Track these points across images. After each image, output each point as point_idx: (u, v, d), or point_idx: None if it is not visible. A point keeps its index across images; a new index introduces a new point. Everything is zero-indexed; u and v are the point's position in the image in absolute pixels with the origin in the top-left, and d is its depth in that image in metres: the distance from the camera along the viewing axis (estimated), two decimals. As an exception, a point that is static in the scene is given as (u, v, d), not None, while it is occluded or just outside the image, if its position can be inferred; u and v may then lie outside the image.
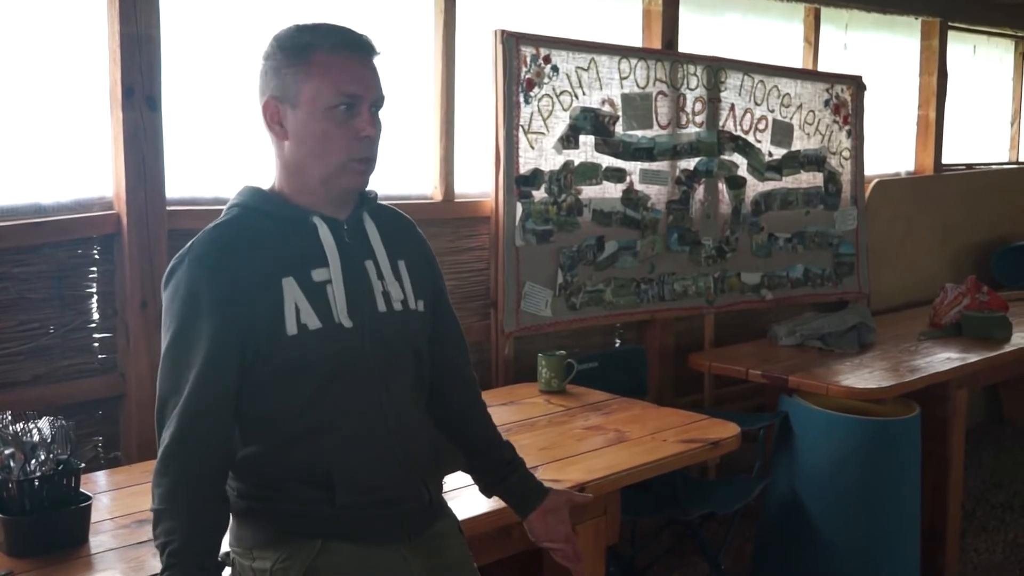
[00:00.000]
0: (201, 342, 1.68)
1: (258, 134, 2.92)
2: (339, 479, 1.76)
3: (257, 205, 1.79)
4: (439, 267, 2.02)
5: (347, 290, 1.77)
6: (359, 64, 1.75)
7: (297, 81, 1.73)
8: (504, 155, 3.51)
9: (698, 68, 4.10)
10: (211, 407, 1.69)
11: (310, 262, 1.76)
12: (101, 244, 2.77)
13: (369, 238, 1.84)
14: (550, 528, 2.04)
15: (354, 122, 1.73)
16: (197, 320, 1.69)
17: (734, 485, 3.67)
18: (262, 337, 1.71)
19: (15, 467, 2.02)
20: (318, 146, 1.74)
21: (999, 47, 6.28)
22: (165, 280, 1.75)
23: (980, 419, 5.67)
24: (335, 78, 1.72)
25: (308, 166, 1.76)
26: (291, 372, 1.74)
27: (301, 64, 1.73)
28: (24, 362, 2.65)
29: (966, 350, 4.11)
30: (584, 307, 3.80)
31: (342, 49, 1.74)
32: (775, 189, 4.47)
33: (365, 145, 1.75)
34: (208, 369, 1.68)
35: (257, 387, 1.74)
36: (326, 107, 1.72)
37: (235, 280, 1.70)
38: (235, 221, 1.78)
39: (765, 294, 4.46)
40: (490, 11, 3.62)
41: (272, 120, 1.78)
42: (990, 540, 4.26)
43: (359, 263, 1.81)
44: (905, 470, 3.63)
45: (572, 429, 2.97)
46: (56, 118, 2.71)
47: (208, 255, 1.72)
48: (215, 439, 1.70)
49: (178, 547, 1.64)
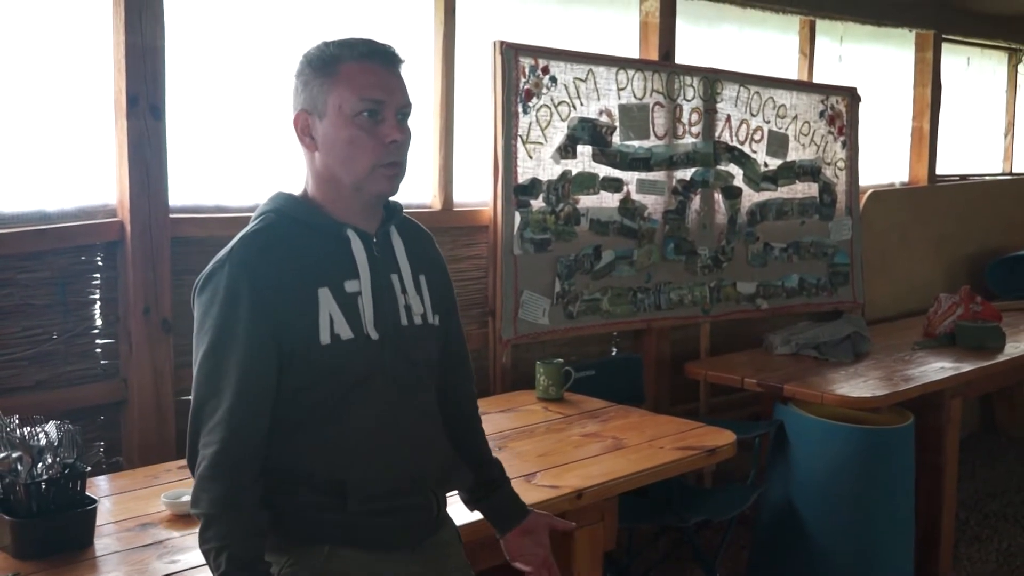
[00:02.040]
0: (241, 346, 1.70)
1: (263, 143, 2.95)
2: (352, 487, 1.78)
3: (291, 212, 1.81)
4: (452, 284, 2.06)
5: (375, 302, 1.80)
6: (383, 72, 1.78)
7: (324, 92, 1.76)
8: (502, 165, 3.54)
9: (695, 79, 4.14)
10: (256, 411, 1.71)
11: (343, 273, 1.79)
12: (104, 251, 2.79)
13: (395, 252, 1.88)
14: (525, 549, 2.07)
15: (380, 128, 1.76)
16: (237, 324, 1.70)
17: (730, 493, 3.69)
18: (297, 344, 1.73)
19: (22, 470, 2.05)
20: (346, 153, 1.76)
21: (992, 59, 6.33)
22: (201, 285, 1.75)
23: (974, 429, 5.70)
24: (358, 85, 1.75)
25: (339, 174, 1.79)
26: (320, 380, 1.76)
27: (328, 76, 1.76)
28: (27, 368, 2.68)
29: (960, 360, 4.14)
30: (581, 316, 3.82)
31: (366, 58, 1.77)
32: (771, 199, 4.50)
33: (392, 150, 1.78)
34: (250, 373, 1.70)
35: (283, 393, 1.76)
36: (351, 114, 1.75)
37: (275, 285, 1.72)
38: (272, 228, 1.79)
39: (761, 303, 4.49)
40: (489, 22, 3.66)
41: (303, 132, 1.80)
42: (983, 549, 4.28)
43: (386, 276, 1.84)
44: (899, 479, 3.66)
45: (570, 436, 3.00)
46: (61, 126, 2.74)
47: (251, 258, 1.73)
48: (260, 442, 1.73)
49: (236, 552, 1.66)
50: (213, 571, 1.68)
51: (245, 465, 1.70)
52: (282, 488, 1.78)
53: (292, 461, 1.78)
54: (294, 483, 1.78)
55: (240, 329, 1.70)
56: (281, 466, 1.78)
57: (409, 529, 1.86)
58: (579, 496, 2.51)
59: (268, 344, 1.71)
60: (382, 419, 1.82)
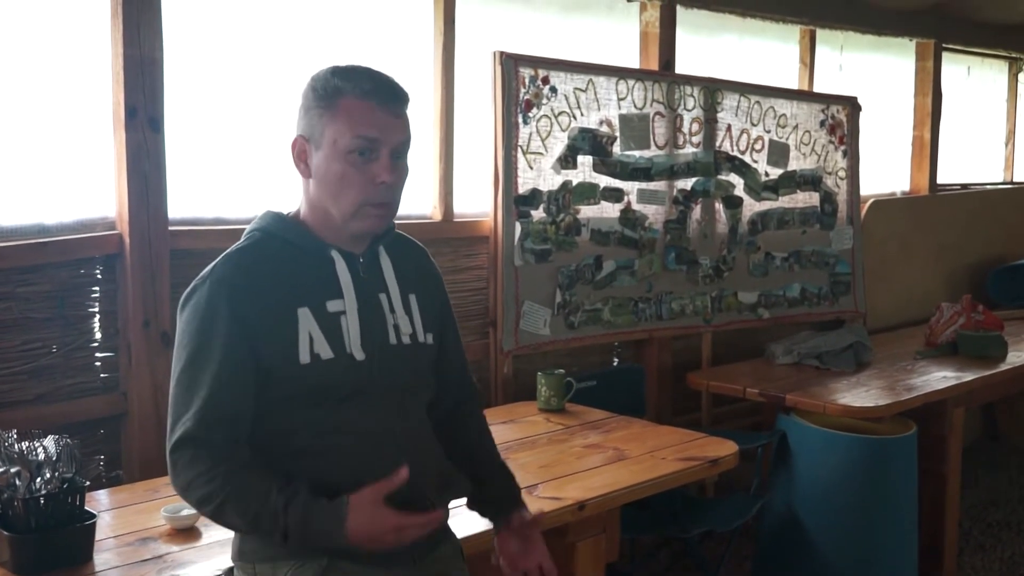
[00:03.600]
0: (216, 360, 1.72)
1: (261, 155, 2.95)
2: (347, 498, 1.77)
3: (278, 232, 1.83)
4: (447, 297, 2.06)
5: (361, 322, 1.81)
6: (383, 110, 1.78)
7: (322, 123, 1.77)
8: (503, 175, 3.54)
9: (695, 89, 4.14)
10: (222, 420, 1.72)
11: (326, 293, 1.80)
12: (104, 264, 2.79)
13: (383, 272, 1.89)
14: (512, 549, 2.06)
15: (372, 167, 1.77)
16: (214, 339, 1.72)
17: (732, 503, 3.68)
18: (276, 362, 1.75)
19: (21, 485, 2.04)
20: (335, 188, 1.77)
21: (992, 68, 6.33)
22: (183, 302, 1.78)
23: (976, 437, 5.68)
24: (355, 122, 1.75)
25: (328, 206, 1.80)
26: (303, 397, 1.77)
27: (328, 107, 1.77)
28: (27, 381, 2.67)
29: (962, 369, 4.13)
30: (582, 326, 3.82)
31: (368, 95, 1.77)
32: (772, 209, 4.50)
33: (382, 191, 1.79)
34: (224, 385, 1.72)
35: (270, 408, 1.78)
36: (345, 150, 1.76)
37: (254, 304, 1.74)
38: (256, 247, 1.81)
39: (762, 313, 4.49)
40: (489, 33, 3.66)
41: (299, 158, 1.82)
42: (987, 558, 4.26)
43: (374, 296, 1.85)
44: (902, 488, 3.65)
45: (571, 447, 2.99)
46: (60, 139, 2.74)
47: (230, 277, 1.75)
48: (230, 443, 1.74)
49: (278, 492, 1.67)
50: (279, 532, 1.67)
51: (217, 451, 1.71)
52: None
53: (291, 473, 1.77)
54: None
55: (217, 344, 1.72)
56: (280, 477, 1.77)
57: (407, 545, 1.85)
58: (581, 508, 2.50)
59: (246, 360, 1.73)
60: (374, 434, 1.82)
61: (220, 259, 1.79)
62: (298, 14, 3.17)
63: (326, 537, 1.68)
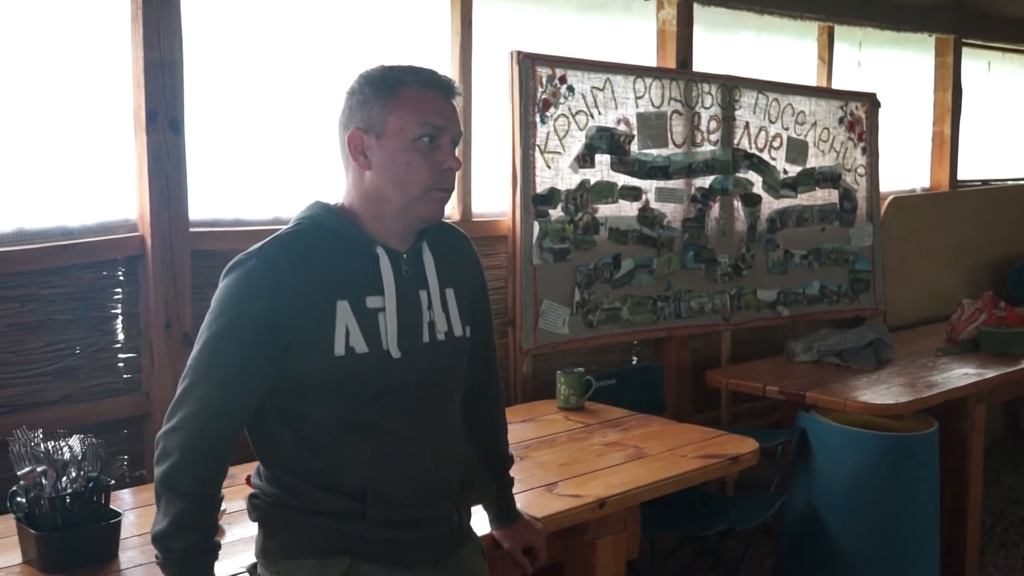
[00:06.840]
0: (236, 351, 1.74)
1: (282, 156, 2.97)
2: (372, 496, 1.79)
3: (327, 222, 1.84)
4: (484, 279, 2.07)
5: (399, 320, 1.82)
6: (442, 100, 1.83)
7: (384, 113, 1.79)
8: (521, 174, 3.55)
9: (712, 87, 4.13)
10: (230, 410, 1.76)
11: (366, 289, 1.81)
12: (126, 266, 2.81)
13: (425, 268, 1.89)
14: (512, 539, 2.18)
15: (436, 154, 1.80)
16: (244, 324, 1.74)
17: (752, 501, 3.68)
18: (310, 351, 1.76)
19: (47, 484, 2.06)
20: (401, 174, 1.80)
21: (1014, 63, 6.29)
22: (229, 268, 1.78)
23: (998, 435, 5.65)
24: (421, 111, 1.79)
25: (389, 194, 1.81)
26: (334, 389, 1.78)
27: (389, 98, 1.79)
28: (51, 382, 2.70)
29: (984, 366, 4.11)
30: (601, 325, 3.82)
31: (428, 86, 1.82)
32: (790, 206, 4.49)
33: (447, 176, 1.83)
34: (242, 374, 1.74)
35: (302, 398, 1.79)
36: (412, 138, 1.79)
37: (295, 289, 1.75)
38: (305, 233, 1.82)
39: (781, 311, 4.48)
40: (506, 32, 3.67)
41: (356, 151, 1.83)
42: (1010, 556, 4.24)
43: (414, 293, 1.86)
44: (923, 486, 3.63)
45: (591, 445, 2.99)
46: (82, 142, 2.76)
47: (277, 257, 1.76)
48: (228, 438, 1.78)
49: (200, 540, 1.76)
50: (170, 556, 1.73)
51: (200, 484, 1.76)
52: (307, 493, 1.80)
53: (317, 465, 1.80)
54: (318, 487, 1.80)
55: (247, 329, 1.74)
56: (307, 470, 1.80)
57: (430, 545, 1.87)
58: (601, 505, 2.50)
59: (258, 360, 1.75)
60: (404, 432, 1.83)
61: (269, 239, 1.80)
62: (316, 15, 3.19)
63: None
